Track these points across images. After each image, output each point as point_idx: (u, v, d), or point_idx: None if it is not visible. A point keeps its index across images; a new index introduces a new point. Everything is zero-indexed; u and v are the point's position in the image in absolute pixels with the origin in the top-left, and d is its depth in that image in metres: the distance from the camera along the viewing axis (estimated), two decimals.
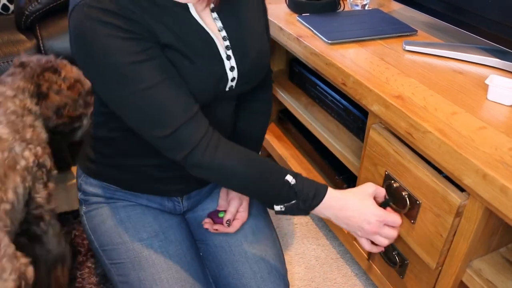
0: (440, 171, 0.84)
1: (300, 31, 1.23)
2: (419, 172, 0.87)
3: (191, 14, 0.78)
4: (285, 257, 1.33)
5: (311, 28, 1.23)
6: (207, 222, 1.00)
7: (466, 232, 0.81)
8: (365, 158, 1.03)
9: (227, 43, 0.83)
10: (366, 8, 1.39)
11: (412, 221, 0.91)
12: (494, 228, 0.82)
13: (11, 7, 1.87)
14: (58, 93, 1.22)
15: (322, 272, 1.31)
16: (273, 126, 1.64)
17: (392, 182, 0.94)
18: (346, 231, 1.21)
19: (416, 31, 1.20)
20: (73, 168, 1.62)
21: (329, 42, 1.14)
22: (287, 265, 1.33)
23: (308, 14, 1.33)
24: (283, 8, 1.40)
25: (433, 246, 0.88)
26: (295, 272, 1.31)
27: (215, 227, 0.99)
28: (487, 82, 0.90)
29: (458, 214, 0.81)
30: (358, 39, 1.16)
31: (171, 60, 0.77)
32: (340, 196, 0.86)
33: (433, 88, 0.94)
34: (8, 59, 1.55)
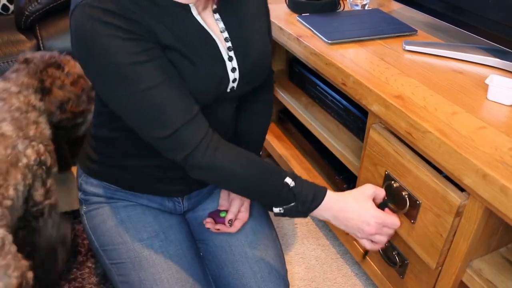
0: (440, 171, 0.84)
1: (300, 31, 1.23)
2: (419, 172, 0.87)
3: (193, 15, 0.78)
4: (285, 257, 1.34)
5: (311, 28, 1.23)
6: (208, 221, 1.00)
7: (466, 232, 0.81)
8: (365, 158, 1.03)
9: (229, 44, 0.83)
10: (366, 8, 1.39)
11: (412, 221, 0.91)
12: (494, 228, 0.82)
13: (11, 7, 1.87)
14: (61, 88, 1.22)
15: (322, 272, 1.31)
16: (273, 126, 1.64)
17: (392, 182, 0.94)
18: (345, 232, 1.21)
19: (416, 31, 1.20)
20: (73, 168, 1.62)
21: (329, 42, 1.14)
22: (287, 265, 1.33)
23: (308, 14, 1.33)
24: (283, 8, 1.40)
25: (433, 246, 0.88)
26: (295, 272, 1.31)
27: (217, 227, 0.99)
28: (487, 82, 0.90)
29: (458, 214, 0.81)
30: (358, 39, 1.16)
31: (172, 60, 0.77)
32: (339, 198, 0.86)
33: (433, 88, 0.94)
34: (8, 59, 1.55)
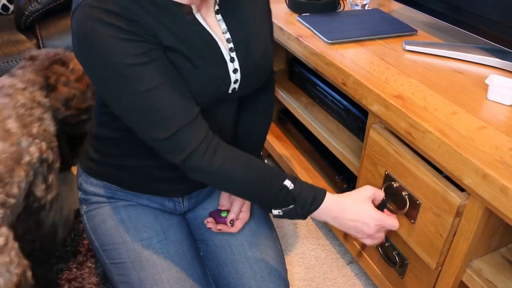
0: (440, 171, 0.84)
1: (300, 31, 1.23)
2: (419, 172, 0.87)
3: (195, 16, 0.78)
4: (285, 257, 1.34)
5: (311, 28, 1.23)
6: (209, 221, 1.00)
7: (466, 232, 0.81)
8: (365, 158, 1.03)
9: (231, 45, 0.83)
10: (366, 8, 1.39)
11: (412, 221, 0.91)
12: (494, 228, 0.82)
13: (11, 7, 1.87)
14: (66, 85, 1.23)
15: (322, 272, 1.31)
16: (273, 126, 1.64)
17: (392, 182, 0.94)
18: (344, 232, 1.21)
19: (416, 31, 1.20)
20: (73, 168, 1.61)
21: (329, 42, 1.14)
22: (287, 265, 1.33)
23: (308, 14, 1.33)
24: (283, 8, 1.40)
25: (433, 246, 0.88)
26: (295, 272, 1.31)
27: (218, 227, 0.99)
28: (487, 82, 0.90)
29: (458, 214, 0.81)
30: (358, 39, 1.16)
31: (173, 62, 0.77)
32: (338, 200, 0.86)
33: (433, 88, 0.94)
34: (8, 59, 1.55)
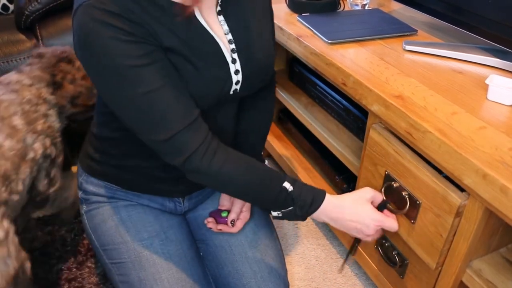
0: (440, 171, 0.84)
1: (300, 31, 1.23)
2: (419, 172, 0.87)
3: (196, 17, 0.78)
4: (285, 257, 1.34)
5: (311, 28, 1.23)
6: (210, 221, 1.00)
7: (466, 232, 0.81)
8: (365, 158, 1.03)
9: (233, 46, 0.82)
10: (366, 8, 1.39)
11: (412, 221, 0.91)
12: (494, 228, 0.82)
13: (11, 7, 1.87)
14: (72, 82, 1.23)
15: (322, 272, 1.31)
16: (273, 126, 1.64)
17: (392, 182, 0.94)
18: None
19: (416, 31, 1.20)
20: (73, 168, 1.61)
21: (329, 42, 1.14)
22: (287, 265, 1.33)
23: (308, 14, 1.33)
24: (283, 8, 1.40)
25: (433, 246, 0.88)
26: (295, 272, 1.31)
27: (219, 227, 0.99)
28: (487, 82, 0.90)
29: (458, 214, 0.81)
30: (358, 39, 1.16)
31: (174, 63, 0.77)
32: (338, 202, 0.86)
33: (433, 88, 0.94)
34: (8, 59, 1.55)
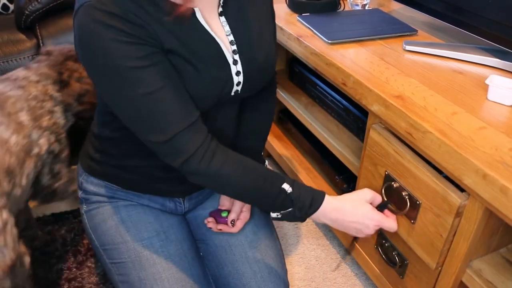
0: (440, 171, 0.84)
1: (300, 31, 1.23)
2: (419, 172, 0.87)
3: (197, 18, 0.78)
4: (285, 257, 1.34)
5: (311, 28, 1.23)
6: (210, 221, 1.00)
7: (466, 232, 0.81)
8: (365, 158, 1.03)
9: (234, 47, 0.82)
10: (366, 8, 1.39)
11: (412, 221, 0.91)
12: (494, 228, 0.82)
13: (11, 6, 1.87)
14: (79, 81, 1.25)
15: (322, 272, 1.31)
16: (273, 126, 1.64)
17: (392, 183, 0.94)
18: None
19: (416, 31, 1.20)
20: (73, 168, 1.61)
21: (329, 42, 1.14)
22: (287, 265, 1.33)
23: (308, 14, 1.33)
24: (283, 8, 1.40)
25: (433, 246, 0.88)
26: (295, 272, 1.31)
27: (219, 227, 0.99)
28: (487, 82, 0.90)
29: (458, 214, 0.81)
30: (358, 39, 1.16)
31: (174, 65, 0.77)
32: (337, 203, 0.87)
33: (433, 88, 0.94)
34: (8, 59, 1.55)
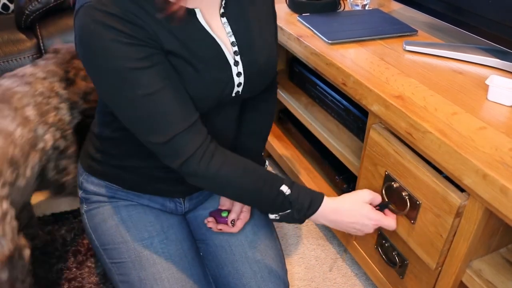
0: (440, 171, 0.84)
1: (300, 31, 1.23)
2: (419, 172, 0.87)
3: (198, 19, 0.78)
4: (285, 257, 1.34)
5: (311, 28, 1.23)
6: (210, 221, 1.00)
7: (466, 232, 0.81)
8: (365, 158, 1.03)
9: (236, 48, 0.82)
10: (367, 8, 1.39)
11: (412, 221, 0.91)
12: (494, 228, 0.82)
13: (11, 6, 1.87)
14: (85, 79, 1.26)
15: (322, 272, 1.31)
16: (273, 126, 1.63)
17: (392, 183, 0.94)
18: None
19: (417, 31, 1.20)
20: None
21: (329, 42, 1.14)
22: (287, 265, 1.33)
23: (308, 14, 1.33)
24: (283, 8, 1.40)
25: (433, 246, 0.88)
26: (295, 272, 1.31)
27: (219, 227, 0.99)
28: (487, 82, 0.90)
29: (458, 214, 0.81)
30: (358, 39, 1.16)
31: (174, 65, 0.77)
32: (336, 205, 0.87)
33: (433, 88, 0.94)
34: (8, 59, 1.55)
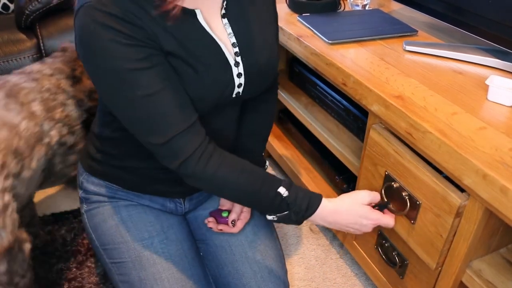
0: (440, 171, 0.84)
1: (300, 31, 1.23)
2: (419, 172, 0.87)
3: (198, 20, 0.78)
4: (285, 257, 1.34)
5: (311, 28, 1.23)
6: (210, 221, 1.00)
7: (466, 232, 0.81)
8: (365, 158, 1.03)
9: (236, 49, 0.82)
10: (367, 8, 1.39)
11: (412, 221, 0.91)
12: (494, 228, 0.82)
13: (11, 6, 1.87)
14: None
15: (322, 272, 1.31)
16: (273, 126, 1.63)
17: (392, 183, 0.94)
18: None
19: (417, 31, 1.20)
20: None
21: (329, 42, 1.14)
22: (287, 265, 1.33)
23: (308, 14, 1.33)
24: (284, 8, 1.40)
25: (433, 246, 0.88)
26: (295, 272, 1.31)
27: (219, 227, 0.99)
28: (487, 82, 0.90)
29: (458, 214, 0.81)
30: (358, 39, 1.16)
31: (174, 66, 0.76)
32: (334, 206, 0.87)
33: (433, 88, 0.94)
34: (8, 58, 1.55)
